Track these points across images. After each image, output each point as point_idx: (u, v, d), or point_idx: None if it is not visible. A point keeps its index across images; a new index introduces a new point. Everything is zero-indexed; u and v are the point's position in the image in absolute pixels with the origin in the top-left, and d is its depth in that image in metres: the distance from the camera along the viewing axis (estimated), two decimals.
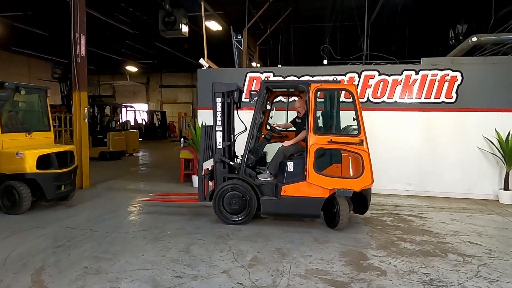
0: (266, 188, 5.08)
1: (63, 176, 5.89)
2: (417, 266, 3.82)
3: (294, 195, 4.87)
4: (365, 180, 4.69)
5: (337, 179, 4.77)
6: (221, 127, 5.22)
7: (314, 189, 4.81)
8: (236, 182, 5.10)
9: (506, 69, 6.91)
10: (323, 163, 4.96)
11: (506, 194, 6.74)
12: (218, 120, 5.22)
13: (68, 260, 3.90)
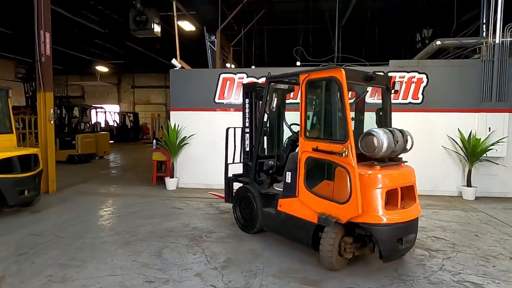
0: (269, 198, 4.51)
1: (26, 181, 5.60)
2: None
3: (287, 212, 4.10)
4: (351, 208, 3.39)
5: (325, 202, 3.66)
6: (248, 128, 5.00)
7: (305, 208, 3.86)
8: (247, 188, 4.77)
9: (467, 72, 7.26)
10: (315, 177, 3.94)
11: (469, 191, 7.08)
12: (246, 122, 5.01)
13: (31, 268, 3.71)
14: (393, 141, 3.51)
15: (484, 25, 8.19)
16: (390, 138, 3.51)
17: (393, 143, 3.51)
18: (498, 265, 3.92)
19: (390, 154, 3.61)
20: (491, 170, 7.21)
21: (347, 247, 3.59)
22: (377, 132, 3.49)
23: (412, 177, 3.83)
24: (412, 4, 11.65)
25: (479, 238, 4.79)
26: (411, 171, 3.85)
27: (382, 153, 3.50)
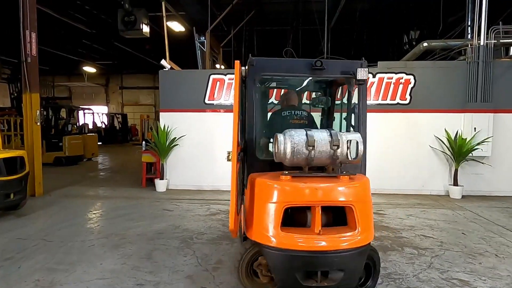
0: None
1: (12, 184, 5.48)
2: None
3: None
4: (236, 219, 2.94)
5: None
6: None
7: None
8: None
9: (453, 73, 7.41)
10: None
11: (456, 190, 7.22)
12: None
13: (18, 273, 3.63)
14: (304, 147, 2.75)
15: (469, 27, 8.40)
16: (299, 143, 2.76)
17: (304, 149, 2.75)
18: (485, 262, 4.00)
19: (308, 162, 2.81)
20: (477, 169, 7.37)
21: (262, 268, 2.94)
22: (281, 134, 2.86)
23: (342, 195, 2.78)
24: (399, 6, 11.82)
25: (466, 236, 4.88)
26: (345, 187, 2.78)
27: (289, 160, 2.80)
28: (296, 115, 3.67)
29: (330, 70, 3.23)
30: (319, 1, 10.72)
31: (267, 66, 3.26)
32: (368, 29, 13.99)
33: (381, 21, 13.55)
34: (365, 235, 2.76)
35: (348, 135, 2.85)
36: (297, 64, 3.23)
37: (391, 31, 14.30)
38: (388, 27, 14.08)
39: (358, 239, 2.72)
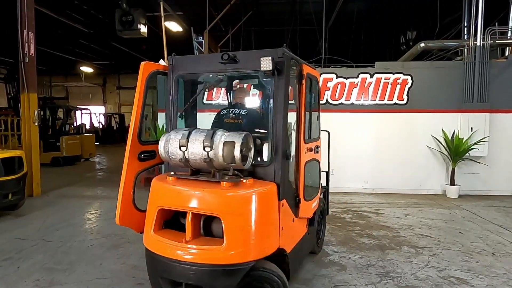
0: None
1: (10, 184, 5.46)
2: (374, 260, 4.01)
3: None
4: None
5: None
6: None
7: None
8: None
9: (450, 73, 7.46)
10: None
11: (452, 189, 7.27)
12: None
13: (17, 273, 3.63)
14: (177, 147, 2.60)
15: (465, 28, 8.46)
16: (174, 143, 2.62)
17: (177, 149, 2.60)
18: (481, 260, 4.04)
19: (186, 164, 2.64)
20: (473, 169, 7.43)
21: None
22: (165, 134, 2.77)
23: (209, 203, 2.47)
24: (396, 6, 11.88)
25: (463, 235, 4.93)
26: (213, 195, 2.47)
27: (171, 161, 2.70)
28: (233, 113, 3.30)
29: (244, 63, 2.83)
30: (316, 2, 10.76)
31: (185, 64, 3.12)
32: (365, 30, 14.04)
33: (378, 22, 13.61)
34: (236, 252, 2.40)
35: (229, 137, 2.53)
36: (213, 60, 2.92)
37: (388, 31, 14.37)
38: (385, 28, 14.14)
39: (222, 255, 2.39)
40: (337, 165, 7.67)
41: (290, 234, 2.97)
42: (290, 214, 2.98)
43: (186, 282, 2.49)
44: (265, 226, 2.56)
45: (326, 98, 7.64)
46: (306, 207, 3.30)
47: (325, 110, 7.54)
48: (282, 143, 2.68)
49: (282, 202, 2.74)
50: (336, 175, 7.71)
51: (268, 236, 2.59)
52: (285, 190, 2.79)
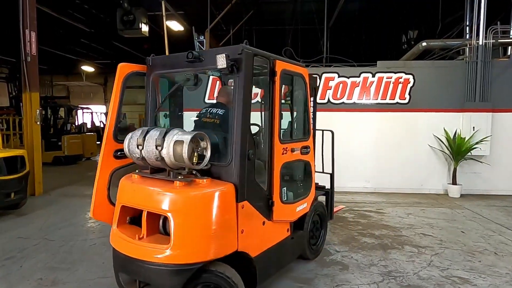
0: None
1: (12, 183, 5.48)
2: (376, 259, 4.01)
3: None
4: None
5: None
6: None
7: None
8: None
9: (452, 73, 7.45)
10: None
11: (454, 188, 7.26)
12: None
13: (20, 272, 3.64)
14: (135, 145, 2.64)
15: (467, 27, 8.44)
16: (133, 141, 2.67)
17: (136, 148, 2.64)
18: (484, 260, 4.03)
19: (145, 162, 2.67)
20: (475, 168, 7.41)
21: None
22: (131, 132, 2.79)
23: (159, 202, 2.49)
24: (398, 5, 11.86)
25: (465, 235, 4.92)
26: (162, 194, 2.50)
27: (133, 159, 2.78)
28: (210, 113, 3.23)
29: (209, 62, 2.75)
30: (318, 1, 10.74)
31: (160, 64, 3.17)
32: (366, 29, 14.01)
33: (379, 21, 13.58)
34: (182, 252, 2.38)
35: (180, 136, 2.49)
36: (182, 59, 2.87)
37: (390, 30, 14.34)
38: (387, 27, 14.11)
39: (168, 254, 2.37)
40: (338, 164, 7.67)
41: (257, 237, 2.89)
42: (258, 216, 2.89)
43: (136, 279, 2.57)
44: (216, 228, 2.49)
45: (327, 97, 7.63)
46: (285, 210, 3.20)
47: (327, 110, 7.57)
48: (242, 143, 2.62)
49: (243, 204, 2.67)
50: (337, 175, 7.67)
51: (220, 238, 2.52)
52: (248, 191, 2.71)
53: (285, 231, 3.36)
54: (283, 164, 3.11)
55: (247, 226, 2.71)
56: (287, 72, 3.18)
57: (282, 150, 3.09)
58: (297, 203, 3.45)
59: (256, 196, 2.84)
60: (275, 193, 3.02)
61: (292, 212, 3.36)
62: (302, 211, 3.55)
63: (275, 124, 2.97)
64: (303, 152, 3.46)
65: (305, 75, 3.54)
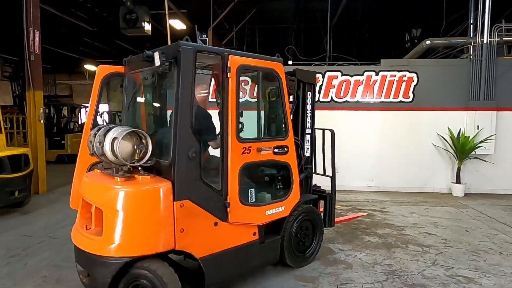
0: None
1: (16, 181, 5.50)
2: (380, 258, 3.99)
3: None
4: None
5: None
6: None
7: None
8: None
9: (456, 71, 7.40)
10: None
11: (458, 187, 7.22)
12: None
13: (25, 270, 3.65)
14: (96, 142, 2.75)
15: (472, 25, 8.37)
16: (92, 138, 2.80)
17: (97, 143, 2.74)
18: (489, 259, 4.01)
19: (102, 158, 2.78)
20: (479, 167, 7.37)
21: None
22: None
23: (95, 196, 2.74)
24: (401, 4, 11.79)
25: (469, 234, 4.89)
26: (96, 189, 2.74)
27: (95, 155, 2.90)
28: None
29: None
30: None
31: (131, 64, 3.33)
32: (370, 27, 13.95)
33: (383, 19, 13.52)
34: (111, 246, 2.48)
35: (117, 133, 2.58)
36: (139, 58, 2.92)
37: (393, 29, 14.27)
38: (390, 25, 14.04)
39: (99, 246, 2.52)
40: (341, 163, 7.64)
41: (204, 238, 2.82)
42: (207, 217, 2.81)
43: (81, 267, 2.79)
44: (146, 224, 2.53)
45: (331, 96, 7.61)
46: (248, 212, 3.08)
47: (330, 108, 7.57)
48: (179, 142, 2.61)
49: (182, 202, 2.64)
50: (340, 173, 7.64)
51: (151, 235, 2.55)
52: (190, 190, 2.69)
53: (250, 235, 3.16)
54: (245, 164, 3.00)
55: (188, 225, 2.68)
56: (249, 67, 3.11)
57: (242, 149, 2.98)
58: (268, 206, 3.27)
59: (203, 195, 2.78)
60: (232, 194, 2.91)
61: (258, 215, 3.19)
62: (276, 215, 3.32)
63: (229, 123, 2.89)
64: (277, 152, 3.27)
65: (278, 70, 3.32)
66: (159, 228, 2.57)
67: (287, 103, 3.40)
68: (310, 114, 4.00)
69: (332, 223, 4.12)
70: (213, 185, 2.86)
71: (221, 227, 2.90)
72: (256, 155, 3.10)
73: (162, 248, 2.58)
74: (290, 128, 3.41)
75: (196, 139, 2.72)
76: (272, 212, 3.29)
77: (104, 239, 2.51)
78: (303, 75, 3.91)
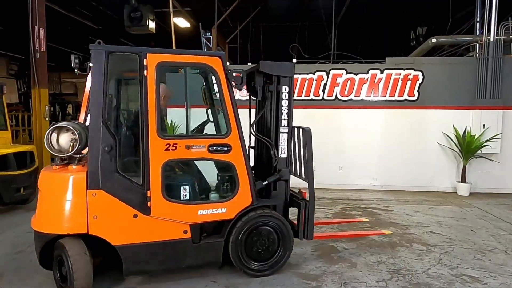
0: None
1: (22, 178, 5.53)
2: (384, 257, 3.98)
3: None
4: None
5: None
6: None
7: None
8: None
9: (462, 69, 7.34)
10: None
11: (463, 187, 7.17)
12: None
13: (30, 266, 3.67)
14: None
15: (478, 23, 8.30)
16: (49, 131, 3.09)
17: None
18: (494, 259, 3.98)
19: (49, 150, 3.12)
20: (485, 166, 7.31)
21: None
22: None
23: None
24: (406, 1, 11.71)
25: (474, 233, 4.86)
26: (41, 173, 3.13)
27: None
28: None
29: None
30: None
31: None
32: (374, 25, 13.88)
33: (388, 17, 13.44)
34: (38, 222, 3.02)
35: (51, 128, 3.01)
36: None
37: (398, 27, 14.18)
38: (395, 24, 13.96)
39: (35, 222, 3.06)
40: (345, 161, 7.67)
41: (120, 227, 3.00)
42: (124, 208, 2.97)
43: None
44: (63, 207, 2.90)
45: (335, 94, 7.58)
46: (174, 209, 3.10)
47: (335, 106, 7.55)
48: (92, 137, 2.91)
49: (95, 191, 2.89)
50: (344, 172, 7.69)
51: (64, 217, 2.92)
52: (105, 181, 2.91)
53: (180, 232, 3.14)
54: (169, 161, 3.09)
55: (102, 213, 2.93)
56: (173, 64, 3.19)
57: (166, 145, 3.03)
58: (201, 205, 3.21)
59: (121, 187, 2.97)
60: (154, 189, 2.99)
61: (187, 213, 3.15)
62: (214, 216, 3.22)
63: (149, 120, 2.98)
64: (213, 150, 3.18)
65: (215, 64, 3.18)
66: (70, 212, 2.91)
67: (227, 99, 3.25)
68: (286, 111, 3.53)
69: (309, 235, 3.55)
70: (134, 179, 3.01)
71: (142, 220, 3.02)
72: (185, 152, 3.11)
73: (76, 231, 2.90)
74: (233, 125, 3.24)
75: (109, 133, 2.91)
76: (207, 212, 3.20)
77: (37, 215, 3.07)
78: (273, 69, 3.51)
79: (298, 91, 7.60)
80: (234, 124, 3.24)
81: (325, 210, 5.92)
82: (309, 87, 7.59)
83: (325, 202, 6.53)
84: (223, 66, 3.21)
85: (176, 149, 3.06)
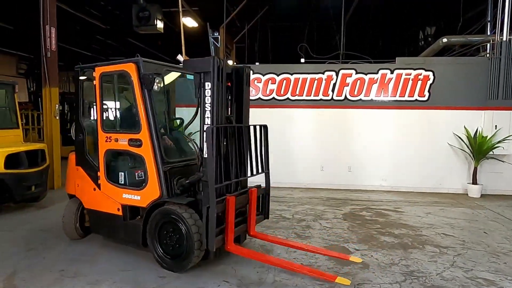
0: None
1: (33, 176, 5.58)
2: (397, 258, 3.93)
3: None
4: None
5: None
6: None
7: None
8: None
9: (474, 69, 7.25)
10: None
11: (475, 188, 7.08)
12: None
13: (43, 263, 3.70)
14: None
15: (489, 22, 8.20)
16: None
17: None
18: (509, 261, 3.92)
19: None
20: (497, 168, 7.22)
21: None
22: None
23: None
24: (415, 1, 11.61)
25: (487, 235, 4.79)
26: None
27: None
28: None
29: None
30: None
31: None
32: (383, 25, 13.77)
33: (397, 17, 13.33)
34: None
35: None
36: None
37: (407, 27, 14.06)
38: (404, 23, 13.84)
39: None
40: (354, 162, 7.62)
41: (88, 195, 4.15)
42: (89, 182, 4.09)
43: None
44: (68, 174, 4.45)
45: (345, 94, 7.53)
46: (111, 189, 3.90)
47: (344, 107, 7.51)
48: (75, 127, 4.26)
49: (77, 167, 4.22)
50: (354, 172, 7.64)
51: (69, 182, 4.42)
52: (80, 161, 4.20)
53: (115, 209, 3.87)
54: (108, 150, 3.90)
55: (80, 182, 4.23)
56: (108, 73, 3.93)
57: (106, 138, 3.89)
58: (124, 189, 3.84)
59: (87, 167, 4.12)
60: (101, 170, 3.94)
61: (116, 194, 3.87)
62: (132, 201, 3.78)
63: (98, 118, 3.94)
64: (131, 144, 3.73)
65: (129, 69, 3.70)
66: (70, 178, 4.40)
67: (138, 99, 3.65)
68: (209, 109, 3.43)
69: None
70: (94, 162, 4.03)
71: (97, 193, 4.03)
72: (115, 144, 3.85)
73: (72, 192, 4.35)
74: (143, 123, 3.63)
75: (80, 126, 4.18)
76: (128, 197, 3.81)
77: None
78: (193, 66, 3.55)
79: (307, 91, 7.57)
80: (144, 121, 3.63)
81: (334, 211, 5.88)
82: (318, 87, 7.56)
83: (334, 202, 6.49)
84: (138, 70, 3.65)
85: (111, 141, 3.87)
